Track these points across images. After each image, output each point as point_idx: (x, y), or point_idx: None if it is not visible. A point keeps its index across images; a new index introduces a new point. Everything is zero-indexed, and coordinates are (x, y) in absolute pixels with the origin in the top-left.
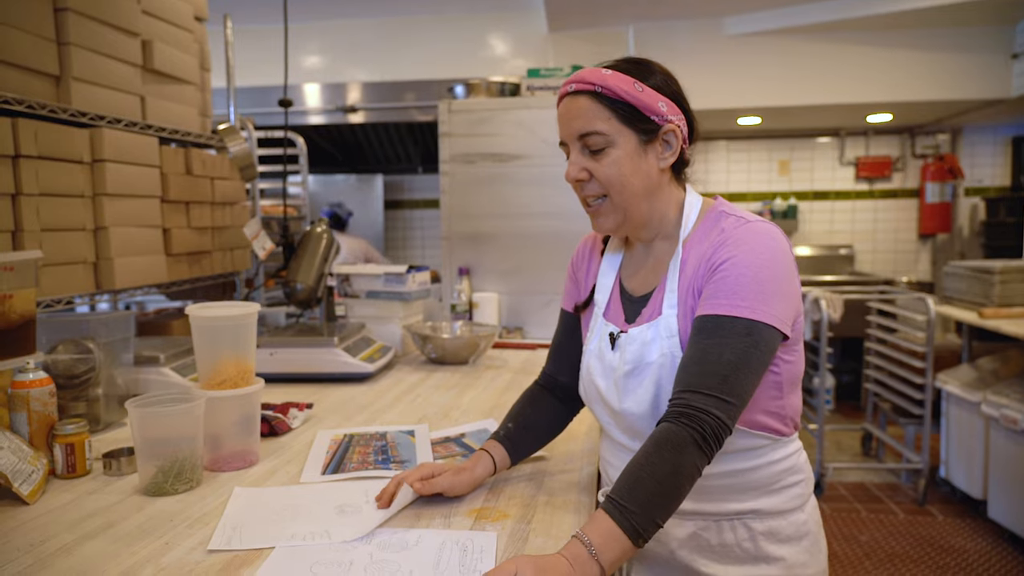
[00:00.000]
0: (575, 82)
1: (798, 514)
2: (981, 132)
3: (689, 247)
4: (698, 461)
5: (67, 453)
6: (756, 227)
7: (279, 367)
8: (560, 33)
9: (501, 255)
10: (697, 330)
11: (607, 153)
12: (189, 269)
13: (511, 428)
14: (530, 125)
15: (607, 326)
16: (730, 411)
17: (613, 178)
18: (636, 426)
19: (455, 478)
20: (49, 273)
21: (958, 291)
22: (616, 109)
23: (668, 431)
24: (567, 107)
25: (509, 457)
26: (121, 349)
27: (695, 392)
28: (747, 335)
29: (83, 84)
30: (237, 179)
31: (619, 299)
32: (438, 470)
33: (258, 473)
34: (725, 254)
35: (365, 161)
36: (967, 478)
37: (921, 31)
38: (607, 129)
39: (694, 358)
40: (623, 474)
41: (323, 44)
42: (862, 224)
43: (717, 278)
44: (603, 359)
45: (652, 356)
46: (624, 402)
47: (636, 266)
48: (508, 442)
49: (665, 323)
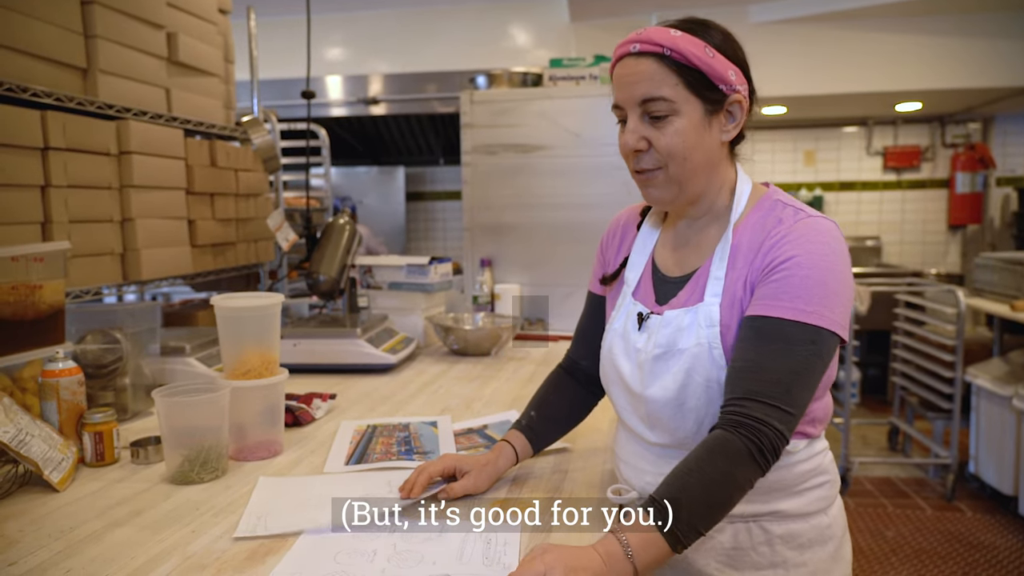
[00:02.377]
0: (639, 41)
1: (821, 517)
2: (1014, 120)
3: (739, 233)
4: (752, 475)
5: (96, 441)
6: (819, 223)
7: (302, 358)
8: (582, 23)
9: (523, 246)
10: (755, 332)
11: (670, 122)
12: (214, 260)
13: (533, 416)
14: (552, 115)
15: (635, 305)
16: (790, 423)
17: (675, 149)
18: (657, 413)
19: (476, 479)
20: (77, 264)
21: (989, 283)
22: (684, 75)
23: (723, 439)
24: (628, 68)
25: (531, 446)
26: (148, 339)
27: (755, 401)
28: (811, 343)
29: (110, 77)
30: (261, 171)
31: (650, 278)
32: (461, 463)
33: (282, 463)
34: (788, 251)
35: (387, 153)
36: (997, 474)
37: (951, 17)
38: (673, 96)
39: (754, 363)
40: (671, 476)
41: (345, 36)
42: (890, 215)
43: (779, 277)
44: (627, 339)
45: (686, 343)
46: (649, 387)
47: (674, 245)
48: (530, 431)
49: (706, 311)
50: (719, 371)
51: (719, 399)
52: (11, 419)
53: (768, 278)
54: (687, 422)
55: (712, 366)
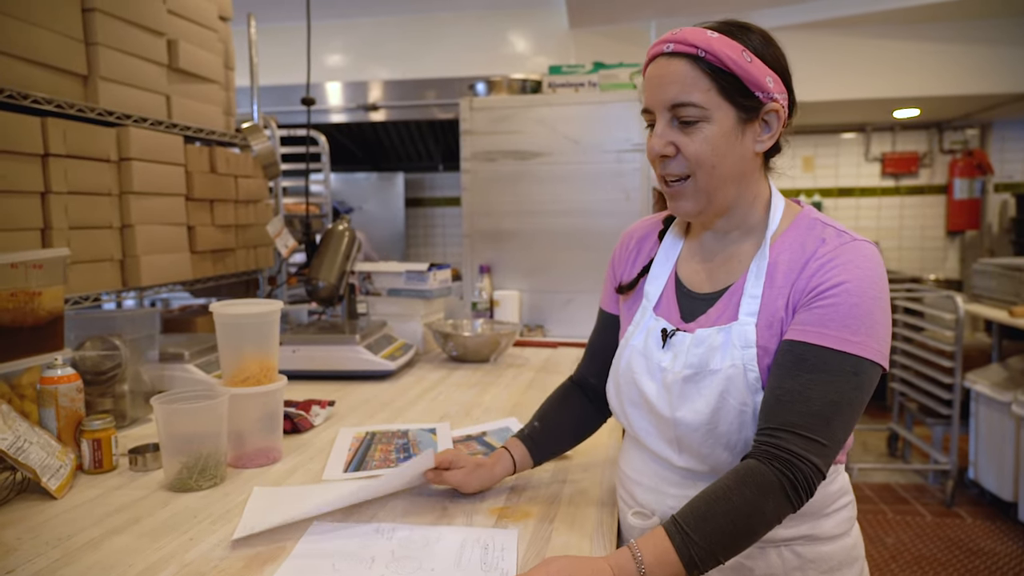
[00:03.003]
0: (673, 41)
1: (846, 539)
2: (1012, 127)
3: (777, 250)
4: (783, 510)
5: (94, 448)
6: (864, 248)
7: (301, 364)
8: (581, 30)
9: (522, 253)
10: (797, 360)
11: (700, 128)
12: (213, 267)
13: (536, 427)
14: (552, 122)
15: (657, 321)
16: (827, 458)
17: (704, 157)
18: (687, 437)
19: (468, 475)
20: (77, 271)
21: (988, 289)
22: (718, 79)
23: (757, 471)
24: (660, 70)
25: (531, 457)
26: (147, 346)
27: (794, 433)
28: (854, 374)
29: (110, 83)
30: (260, 177)
31: (674, 294)
32: (458, 458)
33: (281, 470)
34: (837, 276)
35: (386, 159)
36: (997, 480)
37: (949, 24)
38: (705, 101)
39: (794, 393)
40: (696, 500)
41: (345, 42)
42: (888, 221)
43: (826, 303)
44: (650, 357)
45: (719, 364)
46: (678, 410)
47: (702, 259)
48: (531, 441)
49: (740, 330)
50: (754, 395)
51: (752, 424)
52: (9, 426)
53: (814, 303)
54: (718, 447)
55: (747, 389)
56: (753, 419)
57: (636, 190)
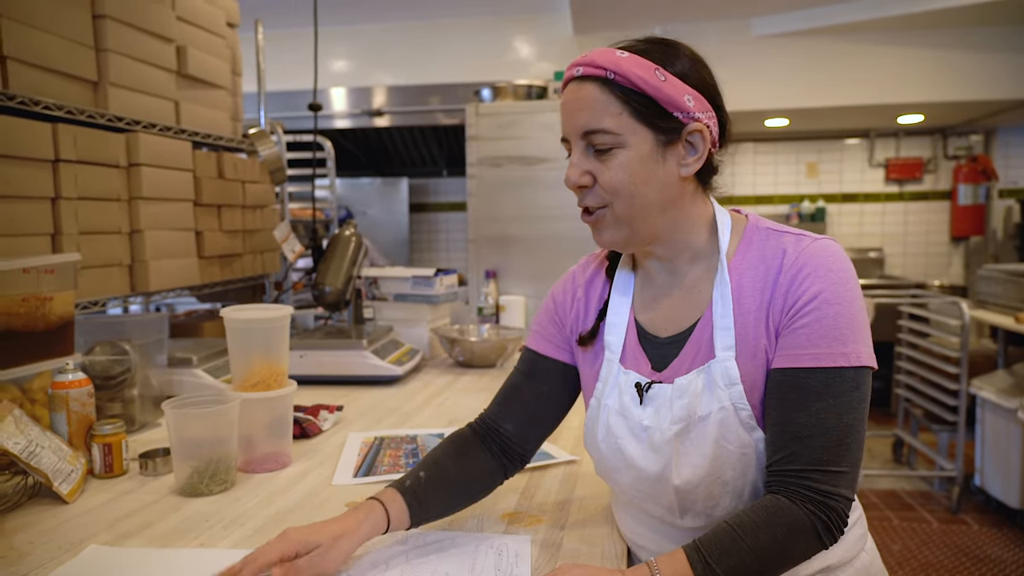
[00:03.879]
0: (583, 64)
1: (862, 556)
2: (1016, 133)
3: (738, 272)
4: (812, 550)
5: (105, 453)
6: (826, 247)
7: (309, 369)
8: (586, 36)
9: (527, 258)
10: (801, 389)
11: (614, 155)
12: (220, 272)
13: (421, 478)
14: (557, 128)
15: (628, 375)
16: (854, 483)
17: (620, 185)
18: (690, 497)
19: (326, 556)
20: (86, 276)
21: (993, 295)
22: (630, 102)
23: (787, 511)
24: (571, 95)
25: (408, 515)
26: (155, 351)
27: (823, 471)
28: (855, 388)
29: (120, 89)
30: (267, 182)
31: (637, 342)
32: (307, 538)
33: (291, 475)
34: (811, 287)
35: (390, 164)
36: (1003, 487)
37: (952, 30)
38: (616, 126)
39: (810, 426)
40: (721, 531)
41: (349, 48)
42: (892, 227)
43: (808, 319)
44: (630, 417)
45: (706, 409)
46: (674, 471)
47: (658, 298)
48: (412, 496)
49: (721, 368)
50: (750, 433)
51: (756, 463)
52: (22, 431)
53: (795, 321)
54: (724, 497)
55: (742, 429)
56: (756, 458)
57: None
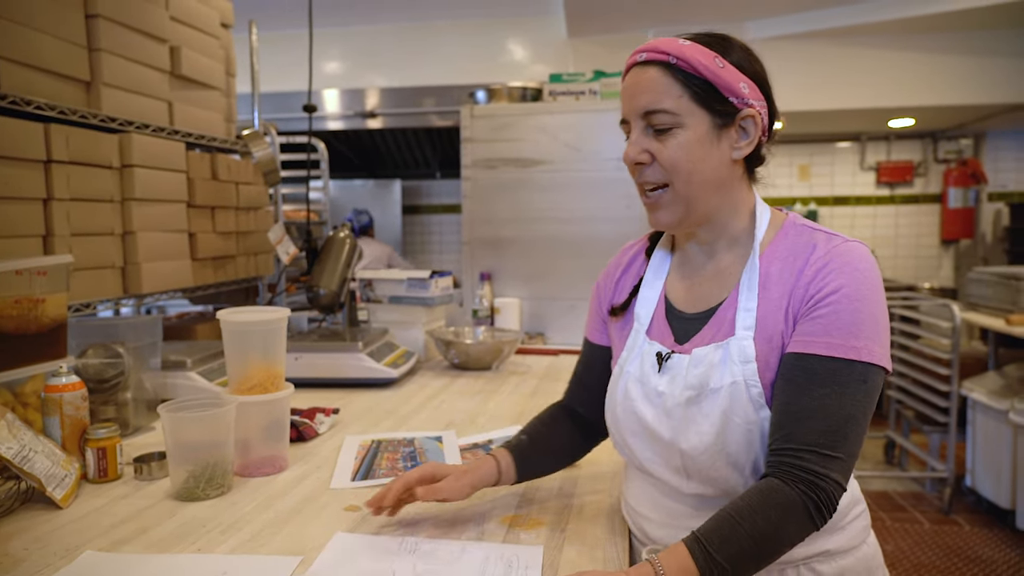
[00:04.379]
0: (646, 51)
1: (864, 548)
2: (1005, 137)
3: (767, 261)
4: (805, 531)
5: (99, 457)
6: (855, 249)
7: (304, 372)
8: (580, 38)
9: (523, 260)
10: (806, 373)
11: (673, 134)
12: (214, 274)
13: (523, 440)
14: (552, 130)
15: (651, 345)
16: (847, 472)
17: (679, 163)
18: (694, 463)
19: (456, 483)
20: (78, 277)
21: (983, 297)
22: (691, 86)
23: (780, 492)
24: (634, 79)
25: (515, 469)
26: (149, 354)
27: (816, 452)
28: (863, 382)
29: (113, 90)
30: (261, 184)
31: (664, 316)
32: (441, 472)
33: (288, 479)
34: (834, 281)
35: (383, 166)
36: (994, 487)
37: (944, 35)
38: (677, 107)
39: (809, 409)
40: (719, 519)
41: (343, 50)
42: (883, 230)
43: (827, 311)
44: (647, 383)
45: (719, 382)
46: (682, 435)
47: (690, 277)
48: (519, 453)
49: (738, 345)
50: (758, 411)
51: (760, 441)
52: (14, 435)
53: (814, 311)
54: (728, 469)
55: (751, 406)
56: (760, 437)
57: (636, 198)
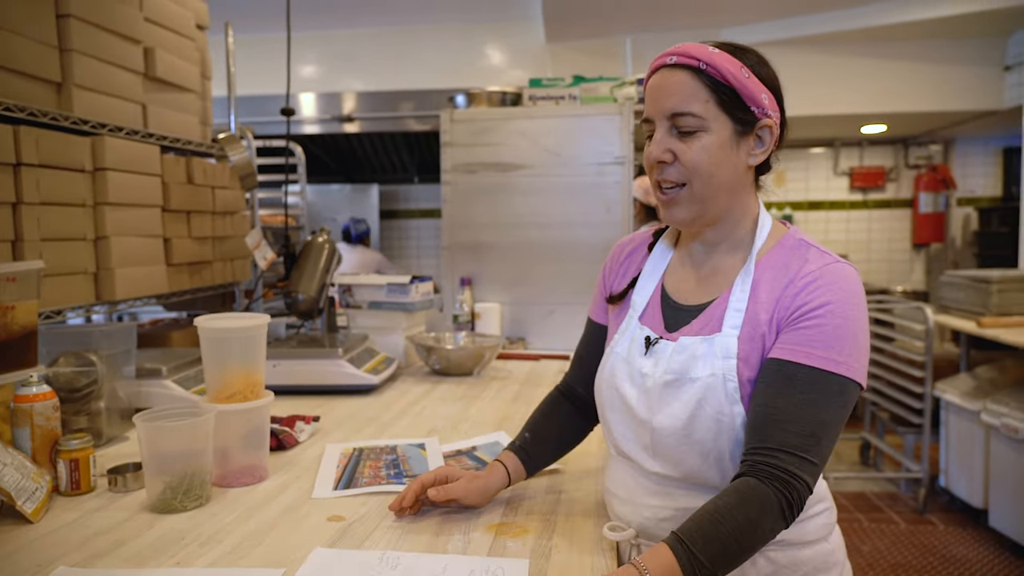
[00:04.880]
0: (676, 54)
1: (823, 544)
2: (973, 143)
3: (762, 268)
4: (777, 528)
5: (71, 469)
6: (846, 270)
7: (282, 379)
8: (558, 44)
9: (503, 265)
10: (787, 379)
11: (697, 137)
12: (190, 279)
13: (527, 438)
14: (533, 135)
15: (642, 330)
16: (816, 475)
17: (700, 165)
18: (662, 442)
19: (469, 485)
20: (49, 284)
21: (955, 300)
22: (717, 92)
23: (756, 489)
24: (662, 80)
25: (524, 469)
26: (123, 361)
27: (790, 453)
28: (840, 394)
29: (85, 91)
30: (238, 188)
31: (659, 304)
32: (454, 475)
33: (268, 489)
34: (821, 296)
35: (360, 171)
36: (968, 487)
37: (915, 43)
38: (703, 111)
39: (786, 412)
40: (699, 518)
41: (319, 54)
42: (857, 234)
43: (812, 323)
44: (632, 364)
45: (699, 372)
46: (656, 414)
47: (687, 272)
48: (523, 453)
49: (723, 342)
50: (731, 405)
51: (728, 433)
52: None
53: (800, 322)
54: (692, 454)
55: (725, 399)
56: (729, 430)
57: (617, 203)
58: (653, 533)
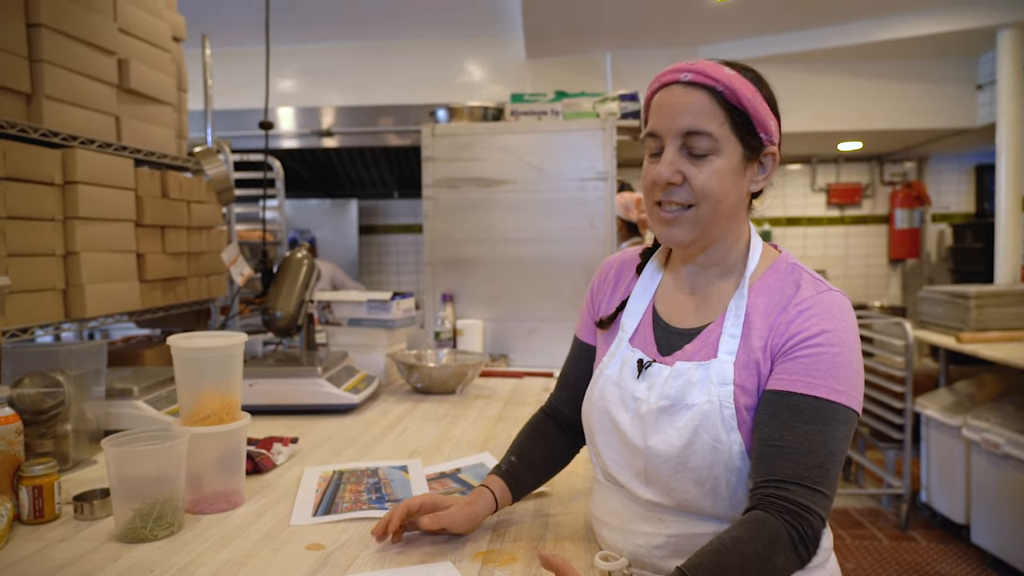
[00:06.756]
0: (691, 71)
1: (820, 571)
2: (946, 160)
3: (755, 293)
4: (791, 565)
5: (34, 496)
6: (837, 299)
7: (259, 398)
8: (538, 60)
9: (485, 281)
10: (792, 410)
11: (709, 161)
12: (163, 296)
13: (513, 462)
14: (515, 150)
15: (633, 352)
16: (828, 507)
17: (711, 190)
18: (657, 469)
19: (458, 512)
20: (15, 301)
21: (934, 316)
22: (732, 115)
23: (767, 524)
24: (675, 98)
25: (511, 493)
26: (92, 381)
27: (803, 486)
28: (844, 423)
29: (56, 103)
30: (214, 203)
31: (651, 326)
32: (443, 503)
33: (244, 515)
34: (818, 324)
35: (339, 186)
36: (949, 503)
37: (891, 62)
38: (719, 133)
39: (796, 444)
40: (706, 553)
41: (298, 68)
42: (834, 249)
43: (811, 352)
44: (624, 387)
45: (695, 398)
46: (650, 439)
47: (678, 294)
48: (510, 477)
49: (719, 368)
50: (728, 432)
51: (724, 461)
52: None
53: (797, 351)
54: (687, 482)
55: (722, 426)
56: (725, 458)
57: (600, 218)
58: (646, 561)
